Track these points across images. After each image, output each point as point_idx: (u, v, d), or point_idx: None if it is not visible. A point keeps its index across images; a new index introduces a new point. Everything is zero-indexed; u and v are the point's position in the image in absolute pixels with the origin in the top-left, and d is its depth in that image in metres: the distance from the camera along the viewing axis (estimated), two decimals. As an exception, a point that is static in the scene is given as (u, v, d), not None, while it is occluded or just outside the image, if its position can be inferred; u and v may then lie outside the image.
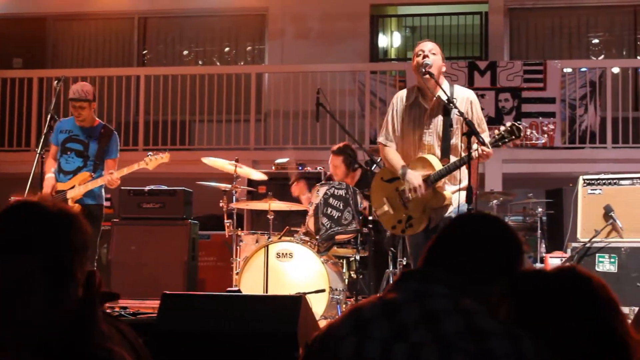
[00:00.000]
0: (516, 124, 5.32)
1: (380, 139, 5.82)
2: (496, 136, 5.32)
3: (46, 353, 1.90)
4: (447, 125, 5.50)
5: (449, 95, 5.47)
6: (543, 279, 2.24)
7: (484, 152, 5.19)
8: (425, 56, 5.53)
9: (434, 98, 5.53)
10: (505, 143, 5.35)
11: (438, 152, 5.54)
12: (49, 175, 7.05)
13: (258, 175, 8.20)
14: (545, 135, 11.56)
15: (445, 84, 5.65)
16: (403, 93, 5.79)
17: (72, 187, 6.96)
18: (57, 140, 7.15)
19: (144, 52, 14.29)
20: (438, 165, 5.46)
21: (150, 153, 7.24)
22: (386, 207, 5.71)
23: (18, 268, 1.94)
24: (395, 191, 5.66)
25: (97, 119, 7.30)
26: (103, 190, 7.15)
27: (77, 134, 7.10)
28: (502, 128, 5.31)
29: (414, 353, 2.03)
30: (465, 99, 5.58)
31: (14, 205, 2.08)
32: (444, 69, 5.67)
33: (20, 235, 1.98)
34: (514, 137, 5.29)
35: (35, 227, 1.99)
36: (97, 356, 1.87)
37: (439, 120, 5.55)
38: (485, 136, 5.32)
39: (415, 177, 5.48)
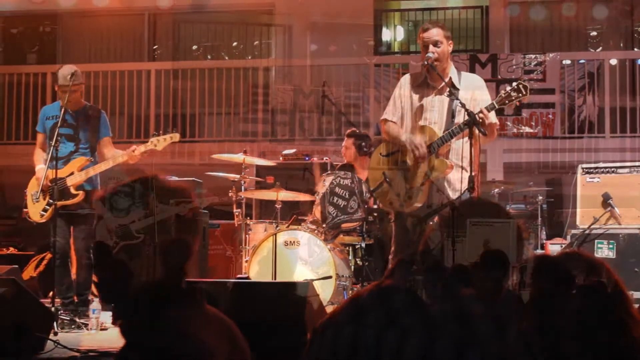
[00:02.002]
0: (523, 82, 5.32)
1: (385, 115, 5.81)
2: (503, 95, 5.32)
3: None
4: (451, 106, 5.51)
5: (456, 82, 5.56)
6: (548, 263, 2.32)
7: (486, 117, 5.24)
8: (430, 45, 5.56)
9: (444, 81, 5.53)
10: (512, 102, 5.32)
11: (440, 130, 5.52)
12: (40, 167, 6.74)
13: (265, 163, 8.35)
14: (539, 127, 11.75)
15: (452, 70, 5.69)
16: (410, 75, 5.84)
17: (71, 174, 6.65)
18: (44, 128, 6.88)
19: (155, 47, 14.40)
20: (440, 134, 5.48)
21: (155, 133, 6.94)
22: (384, 183, 5.60)
23: None
24: (394, 164, 5.60)
25: (82, 100, 7.00)
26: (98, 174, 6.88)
27: (65, 118, 6.68)
28: (509, 87, 5.31)
29: (404, 339, 2.13)
30: (471, 86, 5.61)
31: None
32: (450, 48, 5.65)
33: None
34: (521, 95, 5.29)
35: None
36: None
37: (444, 100, 5.56)
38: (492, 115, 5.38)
39: (416, 138, 5.46)
